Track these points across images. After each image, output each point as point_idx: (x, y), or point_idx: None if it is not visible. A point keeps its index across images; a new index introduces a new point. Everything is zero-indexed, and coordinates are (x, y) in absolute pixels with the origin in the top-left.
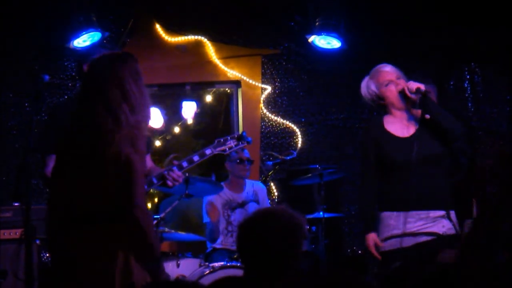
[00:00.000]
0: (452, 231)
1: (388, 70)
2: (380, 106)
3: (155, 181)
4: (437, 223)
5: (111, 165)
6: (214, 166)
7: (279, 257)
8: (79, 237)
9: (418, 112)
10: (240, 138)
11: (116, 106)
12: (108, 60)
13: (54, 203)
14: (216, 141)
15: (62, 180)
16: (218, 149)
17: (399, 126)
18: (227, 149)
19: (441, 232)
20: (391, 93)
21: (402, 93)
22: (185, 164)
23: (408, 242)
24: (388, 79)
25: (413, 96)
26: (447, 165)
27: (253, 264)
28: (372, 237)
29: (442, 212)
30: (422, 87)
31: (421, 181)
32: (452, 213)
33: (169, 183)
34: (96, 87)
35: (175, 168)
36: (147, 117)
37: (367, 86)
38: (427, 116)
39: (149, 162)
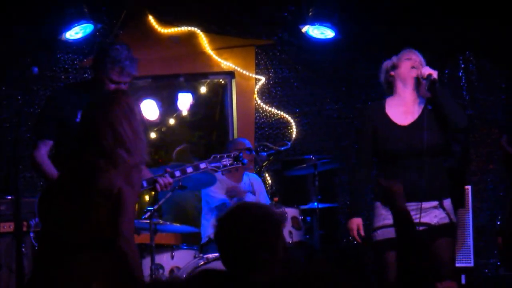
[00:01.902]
0: (446, 220)
1: (413, 52)
2: (389, 83)
3: (145, 185)
4: (428, 213)
5: (103, 197)
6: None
7: (250, 250)
8: (64, 263)
9: (424, 98)
10: (236, 158)
11: (110, 150)
12: (99, 104)
13: (46, 228)
14: (212, 157)
15: (55, 208)
16: (213, 165)
17: (401, 110)
18: (221, 166)
19: (433, 223)
20: (406, 67)
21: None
22: (177, 173)
23: None
24: (409, 57)
25: (423, 82)
26: (443, 155)
27: (228, 256)
28: (355, 221)
29: (434, 203)
30: (434, 74)
31: (415, 173)
32: (446, 202)
33: (158, 187)
34: (90, 132)
35: (167, 175)
36: (143, 155)
37: (389, 60)
38: (429, 107)
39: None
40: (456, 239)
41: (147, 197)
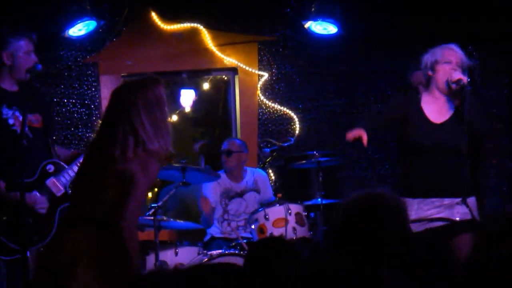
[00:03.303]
0: (468, 216)
1: (454, 51)
2: (427, 79)
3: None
4: (451, 209)
5: (115, 178)
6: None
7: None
8: (66, 236)
9: (456, 101)
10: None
11: (122, 139)
12: (122, 91)
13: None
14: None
15: (74, 187)
16: None
17: (435, 108)
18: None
19: (455, 218)
20: (443, 71)
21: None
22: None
23: (419, 227)
24: (450, 59)
25: (453, 86)
26: (471, 156)
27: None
28: (357, 129)
29: (457, 199)
30: (464, 80)
31: (441, 170)
32: (471, 200)
33: None
34: (108, 119)
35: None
36: (163, 145)
37: (432, 53)
38: (459, 109)
39: None
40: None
41: (150, 194)
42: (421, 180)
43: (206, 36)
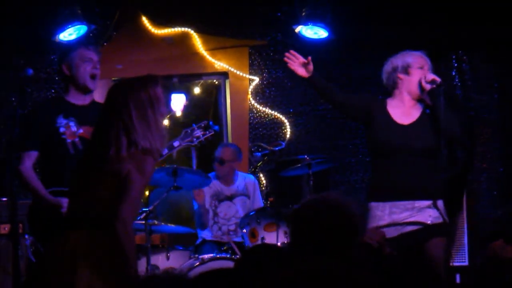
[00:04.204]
0: (440, 220)
1: (423, 57)
2: (394, 82)
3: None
4: (423, 212)
5: (110, 178)
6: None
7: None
8: (64, 238)
9: (425, 102)
10: (207, 127)
11: (115, 139)
12: (115, 90)
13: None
14: (183, 132)
15: (71, 187)
16: (186, 140)
17: (401, 111)
18: (194, 139)
19: (428, 222)
20: (415, 77)
21: (419, 82)
22: None
23: (394, 232)
24: (422, 64)
25: (427, 86)
26: (441, 158)
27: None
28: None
29: (428, 202)
30: (438, 79)
31: (411, 172)
32: (439, 202)
33: None
34: (103, 117)
35: None
36: (154, 145)
37: (401, 57)
38: (427, 111)
39: None
40: (452, 239)
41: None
42: (391, 183)
43: (197, 41)
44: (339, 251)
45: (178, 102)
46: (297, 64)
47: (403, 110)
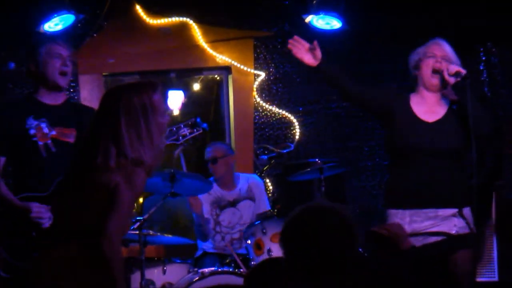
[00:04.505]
0: (466, 230)
1: (439, 45)
2: (414, 79)
3: None
4: (447, 222)
5: (98, 188)
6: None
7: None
8: (47, 252)
9: (449, 98)
10: (194, 125)
11: (103, 148)
12: (107, 96)
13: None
14: (168, 130)
15: (56, 199)
16: (171, 138)
17: (425, 108)
18: (180, 138)
19: (453, 232)
20: (427, 67)
21: (440, 74)
22: None
23: (416, 243)
24: (433, 53)
25: (451, 79)
26: (467, 161)
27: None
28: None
29: (453, 210)
30: (463, 71)
31: (434, 175)
32: (466, 210)
33: None
34: (94, 123)
35: None
36: (148, 158)
37: (416, 52)
38: (454, 107)
39: None
40: (480, 251)
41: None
42: (412, 188)
43: (197, 32)
44: (334, 269)
45: (175, 100)
46: (303, 50)
47: (427, 107)
